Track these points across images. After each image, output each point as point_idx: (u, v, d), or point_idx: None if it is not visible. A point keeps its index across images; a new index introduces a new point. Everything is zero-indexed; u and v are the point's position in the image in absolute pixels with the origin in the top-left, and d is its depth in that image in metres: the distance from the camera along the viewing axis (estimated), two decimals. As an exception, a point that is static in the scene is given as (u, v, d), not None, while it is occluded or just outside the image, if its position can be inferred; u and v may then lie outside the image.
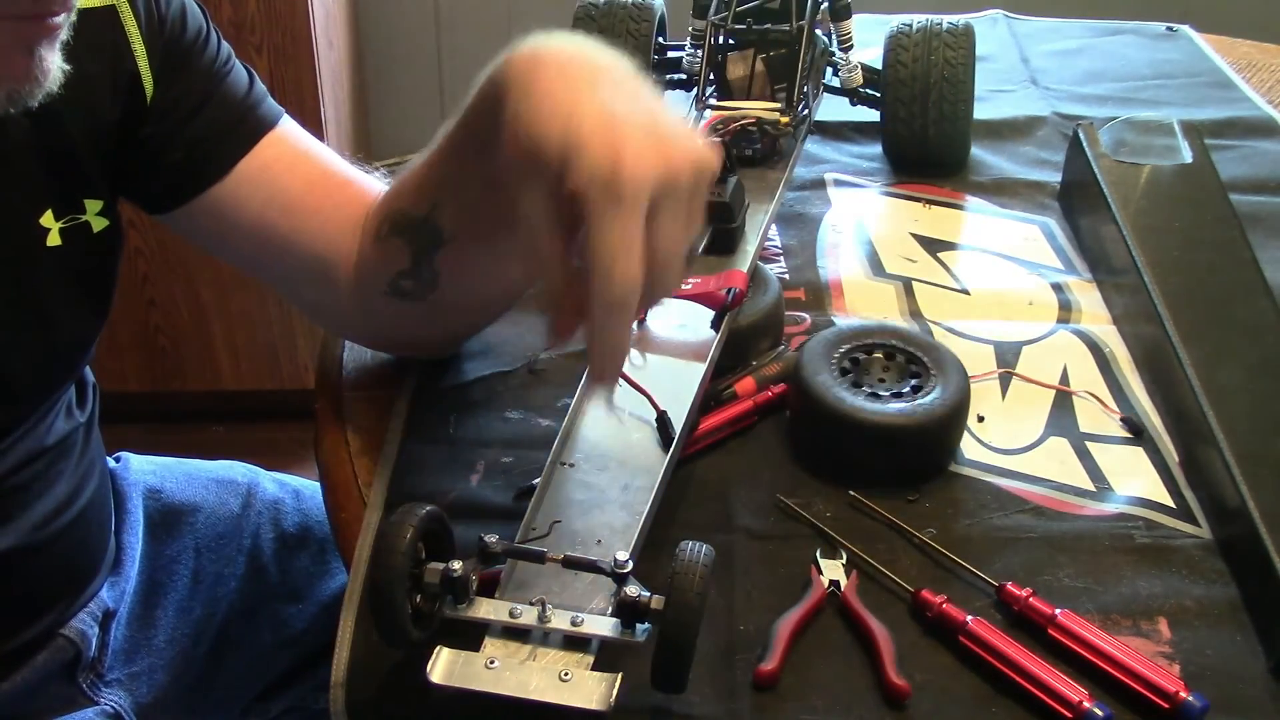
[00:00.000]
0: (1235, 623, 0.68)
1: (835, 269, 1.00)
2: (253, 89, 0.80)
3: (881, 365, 0.80)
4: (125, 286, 1.95)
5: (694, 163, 0.60)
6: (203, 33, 0.78)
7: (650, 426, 0.72)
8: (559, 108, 0.59)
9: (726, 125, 0.98)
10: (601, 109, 0.59)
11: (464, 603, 0.61)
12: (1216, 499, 0.74)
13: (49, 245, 0.74)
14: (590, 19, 1.15)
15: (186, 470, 1.03)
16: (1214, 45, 1.40)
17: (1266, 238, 0.98)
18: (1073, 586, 0.69)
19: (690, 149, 0.60)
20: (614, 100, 0.60)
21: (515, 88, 0.62)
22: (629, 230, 0.58)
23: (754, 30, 1.03)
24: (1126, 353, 0.89)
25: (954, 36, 1.09)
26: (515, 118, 0.61)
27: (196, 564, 0.98)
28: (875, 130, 1.16)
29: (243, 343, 2.09)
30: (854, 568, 0.70)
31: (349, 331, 0.89)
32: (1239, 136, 1.18)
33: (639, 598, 0.59)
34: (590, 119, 0.58)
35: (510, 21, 2.37)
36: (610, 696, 0.57)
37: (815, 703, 0.63)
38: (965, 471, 0.78)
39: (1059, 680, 0.62)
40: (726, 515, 0.74)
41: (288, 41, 1.85)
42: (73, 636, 0.87)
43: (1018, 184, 1.11)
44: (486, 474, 0.77)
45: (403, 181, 0.78)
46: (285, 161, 0.79)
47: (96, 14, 0.72)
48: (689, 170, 0.60)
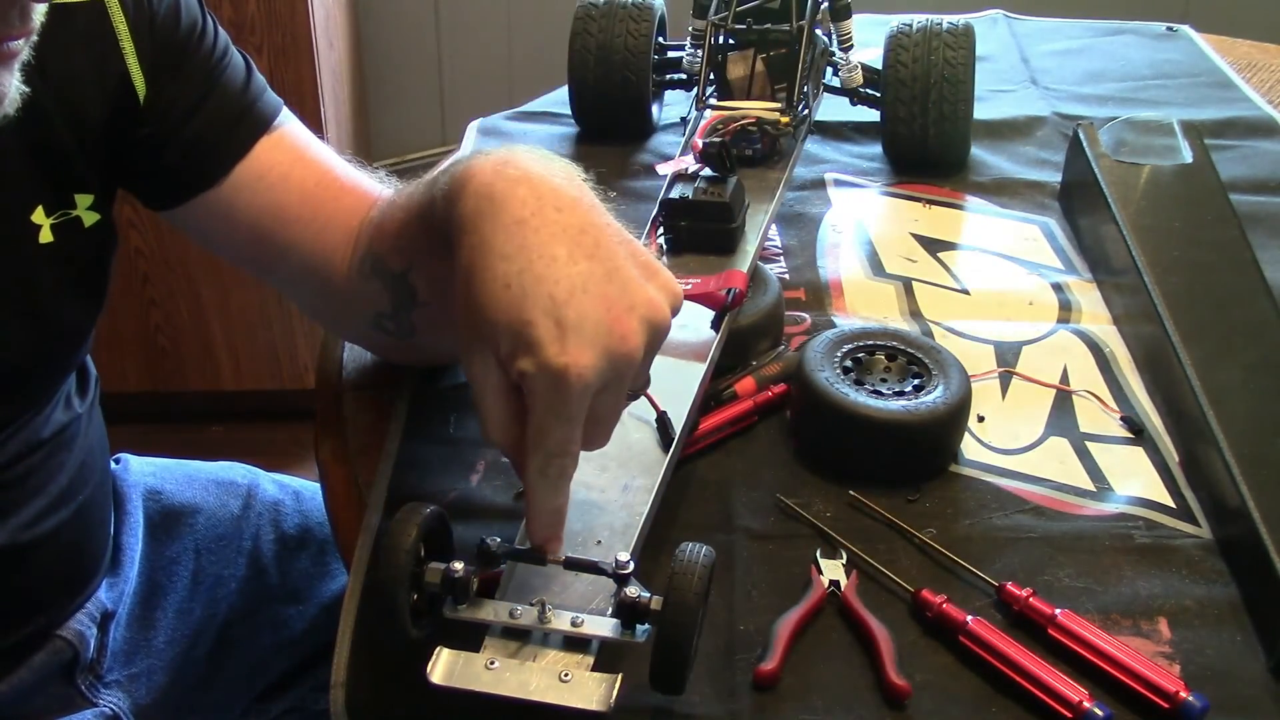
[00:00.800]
0: (1235, 623, 0.68)
1: (835, 269, 1.00)
2: (250, 83, 0.79)
3: (883, 365, 0.80)
4: (125, 286, 1.96)
5: (651, 328, 0.61)
6: (197, 27, 0.76)
7: (650, 426, 0.72)
8: (510, 294, 0.59)
9: (726, 125, 0.98)
10: (551, 296, 0.58)
11: (464, 603, 0.61)
12: (1216, 499, 0.74)
13: (41, 242, 0.73)
14: (590, 19, 1.15)
15: (187, 471, 1.03)
16: (1214, 45, 1.40)
17: (1266, 238, 0.98)
18: (1073, 586, 0.69)
19: (649, 308, 0.61)
20: (569, 274, 0.59)
21: (468, 236, 0.61)
22: (570, 429, 0.60)
23: (754, 30, 1.03)
24: (1126, 353, 0.89)
25: (954, 36, 1.10)
26: (466, 283, 0.61)
27: (196, 565, 0.98)
28: (875, 130, 1.16)
29: (243, 343, 2.09)
30: (854, 568, 0.70)
31: (347, 333, 0.89)
32: (1239, 136, 1.18)
33: (639, 598, 0.59)
34: (540, 313, 0.58)
35: (510, 21, 2.37)
36: (610, 697, 0.57)
37: (815, 703, 0.63)
38: (965, 471, 0.78)
39: (1059, 680, 0.62)
40: (726, 515, 0.74)
41: (288, 41, 1.85)
42: (70, 638, 0.87)
43: (1018, 184, 1.11)
44: (486, 474, 0.77)
45: (384, 222, 0.76)
46: (281, 169, 0.78)
47: (83, 9, 0.71)
48: (641, 346, 0.60)
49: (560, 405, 0.59)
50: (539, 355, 0.58)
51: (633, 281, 0.61)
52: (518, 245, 0.60)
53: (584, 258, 0.60)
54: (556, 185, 0.62)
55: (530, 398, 0.59)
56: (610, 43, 1.13)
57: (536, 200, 0.61)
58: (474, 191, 0.62)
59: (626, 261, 0.61)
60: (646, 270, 0.63)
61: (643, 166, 1.13)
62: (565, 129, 1.21)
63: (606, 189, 0.66)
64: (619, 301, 0.60)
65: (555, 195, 0.62)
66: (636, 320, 0.60)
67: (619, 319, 0.59)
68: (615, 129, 1.17)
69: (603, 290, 0.59)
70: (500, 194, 0.61)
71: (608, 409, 0.62)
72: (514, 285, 0.59)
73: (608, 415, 0.62)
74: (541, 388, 0.58)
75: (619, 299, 0.60)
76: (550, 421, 0.59)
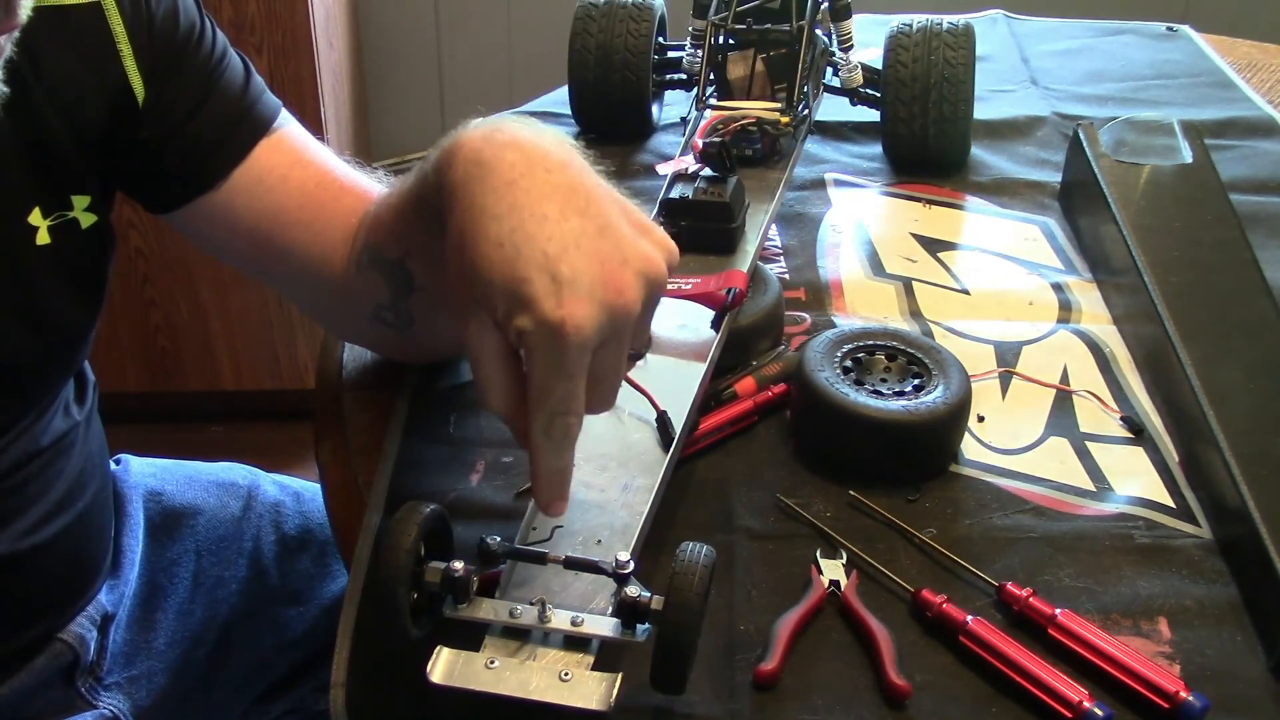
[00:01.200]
0: (1235, 623, 0.68)
1: (835, 269, 1.00)
2: (249, 85, 0.79)
3: (883, 365, 0.80)
4: (125, 287, 1.96)
5: (648, 282, 0.61)
6: (195, 30, 0.76)
7: (650, 426, 0.72)
8: (503, 252, 0.58)
9: (726, 125, 0.98)
10: (545, 252, 0.58)
11: (464, 603, 0.61)
12: (1216, 499, 0.74)
13: (38, 244, 0.73)
14: (590, 19, 1.15)
15: (187, 473, 1.03)
16: (1214, 45, 1.40)
17: (1266, 238, 0.98)
18: (1073, 586, 0.69)
19: (644, 262, 0.60)
20: (561, 230, 0.59)
21: (459, 202, 0.61)
22: (572, 385, 0.59)
23: (754, 30, 1.03)
24: (1126, 353, 0.89)
25: (954, 36, 1.10)
26: (458, 248, 0.61)
27: (197, 567, 0.98)
28: (875, 130, 1.16)
29: (243, 343, 2.09)
30: (854, 568, 0.70)
31: (346, 331, 0.89)
32: (1239, 136, 1.18)
33: (639, 598, 0.59)
34: (535, 269, 0.58)
35: (510, 21, 2.37)
36: (610, 696, 0.57)
37: (815, 703, 0.63)
38: (965, 471, 0.78)
39: (1059, 680, 0.62)
40: (726, 515, 0.74)
41: (288, 41, 1.85)
42: (70, 640, 0.87)
43: (1018, 184, 1.11)
44: (486, 474, 0.77)
45: (380, 212, 0.76)
46: (280, 172, 0.78)
47: (79, 11, 0.70)
48: (639, 300, 0.60)
49: (560, 360, 0.58)
50: (536, 311, 0.57)
51: (625, 237, 0.61)
52: (509, 205, 0.60)
53: (575, 214, 0.60)
54: (545, 148, 0.62)
55: (529, 356, 0.59)
56: (610, 43, 1.13)
57: (526, 162, 0.61)
58: (463, 158, 0.62)
59: (619, 218, 0.61)
60: (640, 227, 0.63)
61: (643, 166, 1.13)
62: (565, 129, 1.21)
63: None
64: (613, 256, 0.59)
65: (545, 157, 0.62)
66: (631, 274, 0.60)
67: (614, 273, 0.59)
68: (615, 129, 1.17)
69: (595, 245, 0.59)
70: (489, 158, 0.61)
71: (609, 367, 0.61)
72: (506, 244, 0.59)
73: (610, 374, 0.62)
74: (540, 344, 0.58)
75: (612, 253, 0.59)
76: (551, 378, 0.59)
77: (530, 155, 0.61)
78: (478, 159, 0.62)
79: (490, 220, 0.59)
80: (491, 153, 0.62)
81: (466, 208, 0.61)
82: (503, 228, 0.59)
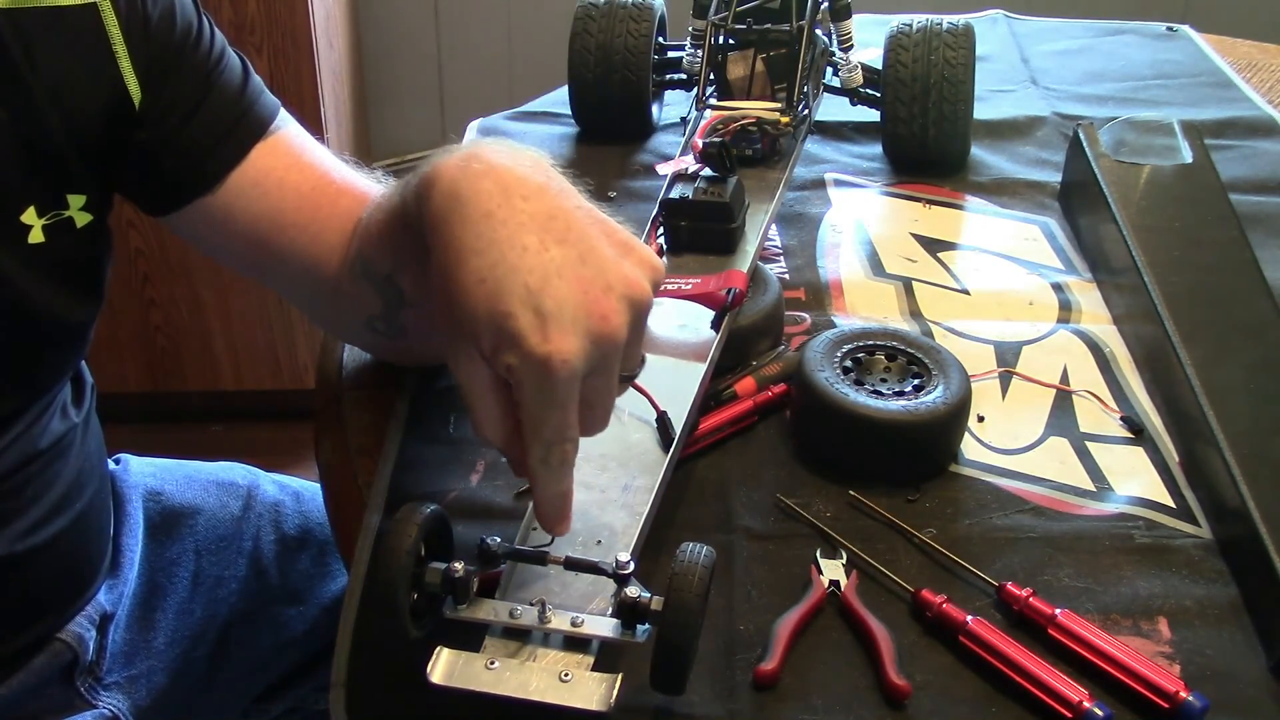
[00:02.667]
0: (1235, 623, 0.68)
1: (835, 269, 1.00)
2: (248, 86, 0.78)
3: (883, 365, 0.80)
4: (125, 287, 1.96)
5: (633, 305, 0.60)
6: (193, 30, 0.76)
7: (650, 426, 0.72)
8: (485, 288, 0.58)
9: (726, 125, 0.98)
10: (527, 286, 0.58)
11: (464, 603, 0.61)
12: (1216, 499, 0.74)
13: (31, 242, 0.72)
14: (590, 19, 1.15)
15: (187, 472, 1.03)
16: (1214, 45, 1.40)
17: (1266, 238, 0.98)
18: (1073, 586, 0.69)
19: (628, 286, 0.60)
20: (541, 261, 0.59)
21: (439, 237, 0.61)
22: (564, 415, 0.59)
23: (754, 30, 1.03)
24: (1126, 353, 0.89)
25: (954, 36, 1.10)
26: (442, 282, 0.60)
27: (197, 566, 0.98)
28: (875, 130, 1.16)
29: (243, 343, 2.09)
30: (854, 568, 0.70)
31: (344, 334, 0.89)
32: (1239, 136, 1.18)
33: (639, 598, 0.59)
34: (517, 304, 0.58)
35: (510, 21, 2.37)
36: (610, 697, 0.57)
37: (815, 703, 0.63)
38: (965, 471, 0.78)
39: (1059, 680, 0.62)
40: (726, 515, 0.74)
41: (288, 41, 1.85)
42: (70, 640, 0.87)
43: (1018, 184, 1.11)
44: (486, 474, 0.77)
45: (369, 224, 0.75)
46: (277, 175, 0.78)
47: (75, 11, 0.70)
48: (625, 325, 0.60)
49: (550, 394, 0.58)
50: (522, 347, 0.57)
51: (608, 261, 0.60)
52: (488, 240, 0.59)
53: (555, 243, 0.59)
54: (521, 174, 0.62)
55: (519, 390, 0.59)
56: (610, 43, 1.13)
57: (502, 192, 0.61)
58: (440, 191, 0.62)
59: (600, 241, 0.61)
60: (623, 248, 0.62)
61: (643, 166, 1.13)
62: (565, 129, 1.21)
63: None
64: (595, 282, 0.59)
65: (521, 184, 0.61)
66: (615, 299, 0.59)
67: (597, 300, 0.59)
68: (615, 129, 1.17)
69: (577, 273, 0.59)
70: (465, 191, 0.61)
71: (599, 393, 0.61)
72: (488, 279, 0.58)
73: (601, 399, 0.62)
74: (529, 379, 0.58)
75: (595, 280, 0.59)
76: (543, 411, 0.59)
77: (506, 183, 0.61)
78: (454, 191, 0.61)
79: (470, 255, 0.59)
80: (467, 184, 0.61)
81: (447, 243, 0.61)
82: (483, 263, 0.59)
